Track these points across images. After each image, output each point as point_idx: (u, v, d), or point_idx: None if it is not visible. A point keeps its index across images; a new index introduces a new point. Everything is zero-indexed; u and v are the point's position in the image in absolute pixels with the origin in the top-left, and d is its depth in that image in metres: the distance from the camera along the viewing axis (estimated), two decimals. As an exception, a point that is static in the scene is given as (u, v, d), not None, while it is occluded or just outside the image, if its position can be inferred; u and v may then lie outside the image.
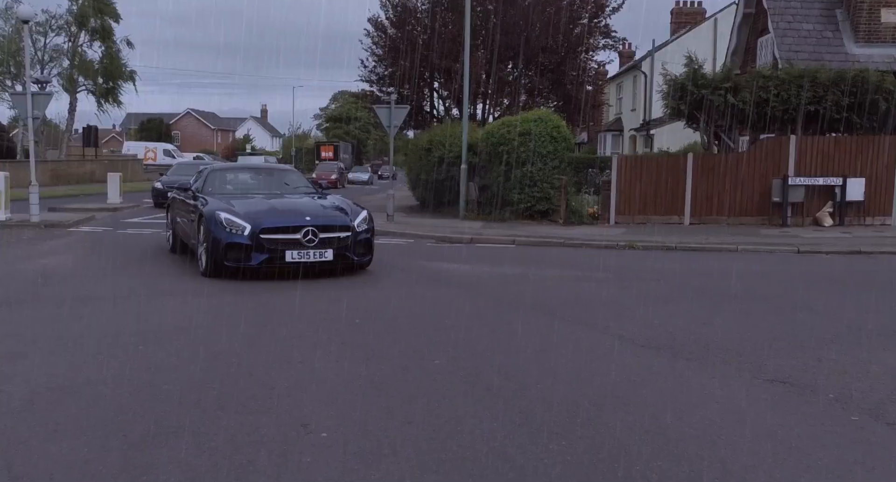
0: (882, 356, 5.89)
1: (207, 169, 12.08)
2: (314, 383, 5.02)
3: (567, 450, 3.85)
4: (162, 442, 3.93)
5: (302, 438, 3.99)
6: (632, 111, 37.88)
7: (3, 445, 3.89)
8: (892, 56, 19.03)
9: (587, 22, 26.71)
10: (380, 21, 27.29)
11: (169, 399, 4.66)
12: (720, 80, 16.48)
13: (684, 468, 3.67)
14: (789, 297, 8.76)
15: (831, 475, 3.62)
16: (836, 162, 16.48)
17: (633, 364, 5.63)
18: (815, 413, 4.55)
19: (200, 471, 3.57)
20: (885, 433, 4.19)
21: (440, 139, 21.26)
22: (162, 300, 8.28)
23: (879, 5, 19.37)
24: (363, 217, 9.99)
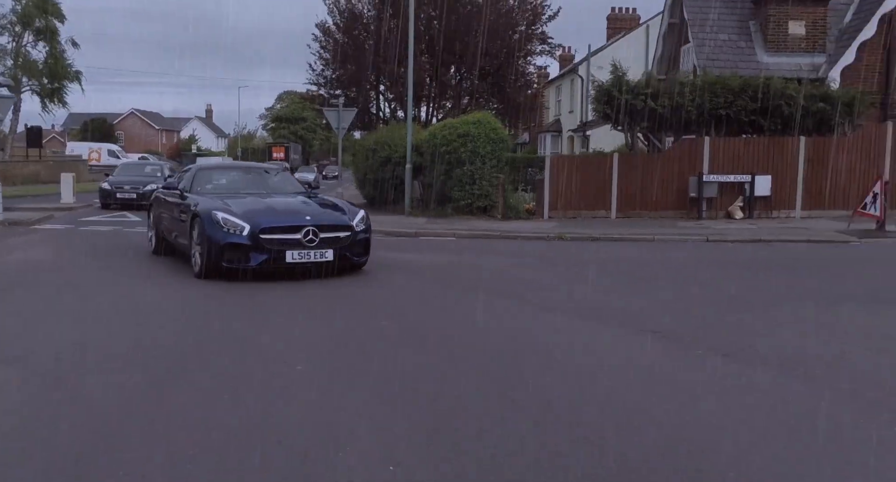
0: (735, 313, 7.35)
1: (193, 167, 11.97)
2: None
3: (485, 374, 5.14)
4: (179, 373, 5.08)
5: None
6: (570, 113, 39.56)
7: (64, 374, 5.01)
8: (798, 64, 20.89)
9: (525, 29, 28.20)
10: (327, 26, 28.37)
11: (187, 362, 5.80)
12: (642, 86, 18.03)
13: (568, 384, 4.98)
14: (687, 276, 10.22)
15: (679, 389, 4.97)
16: (745, 161, 18.16)
17: (540, 322, 6.96)
18: (677, 351, 5.93)
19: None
20: (721, 362, 5.59)
21: (386, 140, 22.43)
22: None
23: (787, 18, 21.23)
24: (361, 216, 9.83)
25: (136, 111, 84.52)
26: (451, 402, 4.61)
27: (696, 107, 17.78)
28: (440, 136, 19.68)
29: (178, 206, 10.38)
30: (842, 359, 5.71)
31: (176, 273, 9.79)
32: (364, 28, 27.78)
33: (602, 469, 3.63)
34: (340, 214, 9.78)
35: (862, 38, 20.73)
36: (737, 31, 21.71)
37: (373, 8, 27.53)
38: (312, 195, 11.06)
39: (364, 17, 27.97)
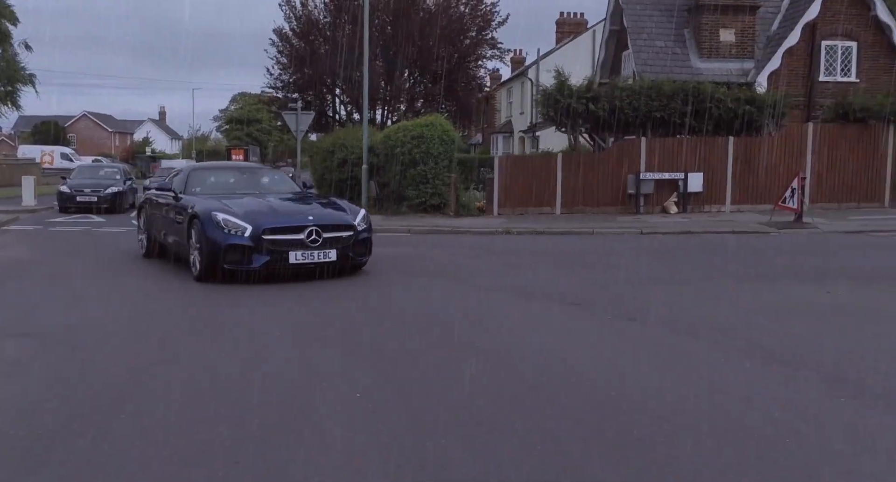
0: (648, 289, 8.59)
1: (187, 168, 11.82)
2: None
3: (436, 338, 6.22)
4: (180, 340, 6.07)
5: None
6: (521, 114, 40.90)
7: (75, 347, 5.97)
8: (728, 69, 22.42)
9: (475, 34, 29.39)
10: (284, 32, 29.21)
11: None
12: (583, 91, 19.30)
13: (502, 341, 6.10)
14: (616, 262, 11.43)
15: (587, 343, 6.11)
16: (679, 159, 19.55)
17: (481, 300, 8.08)
18: (590, 317, 7.11)
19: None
20: (626, 325, 6.77)
21: (343, 142, 23.39)
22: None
23: (719, 26, 22.74)
24: (362, 216, 9.78)
25: (88, 114, 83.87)
26: (407, 359, 5.68)
27: (633, 110, 19.11)
28: (395, 137, 20.70)
29: (172, 207, 10.24)
30: (729, 322, 6.91)
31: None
32: (320, 34, 28.69)
33: (527, 396, 4.72)
34: (342, 213, 9.66)
35: (787, 45, 22.32)
36: (673, 38, 23.14)
37: (329, 14, 28.47)
38: (311, 195, 10.96)
39: (320, 23, 28.88)
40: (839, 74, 22.91)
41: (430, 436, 3.95)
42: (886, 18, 22.80)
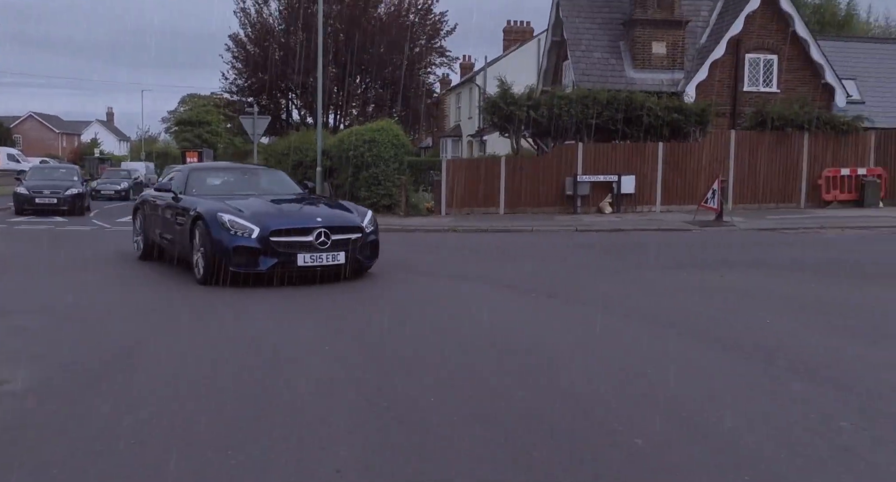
0: (572, 275, 9.92)
1: (185, 169, 11.52)
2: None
3: (392, 318, 7.41)
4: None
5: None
6: (469, 119, 42.24)
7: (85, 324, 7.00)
8: (660, 80, 24.03)
9: (425, 43, 30.64)
10: (239, 38, 30.06)
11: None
12: (524, 99, 20.67)
13: (448, 315, 7.31)
14: (549, 255, 12.77)
15: (514, 315, 7.36)
16: (613, 163, 21.04)
17: (429, 284, 9.31)
18: (518, 296, 8.39)
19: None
20: (548, 301, 8.08)
21: (298, 145, 24.41)
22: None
23: (651, 39, 24.34)
24: (370, 217, 9.67)
25: (34, 114, 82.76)
26: (371, 331, 6.86)
27: (571, 117, 20.54)
28: (348, 141, 21.81)
29: (171, 208, 10.06)
30: (633, 298, 8.23)
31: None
32: (275, 40, 29.62)
33: (469, 353, 5.94)
34: (350, 215, 9.56)
35: (713, 57, 24.02)
36: (609, 49, 24.69)
37: (283, 21, 29.41)
38: (313, 195, 10.87)
39: (275, 30, 29.80)
40: (761, 85, 24.70)
41: (401, 377, 5.15)
42: (804, 34, 24.68)
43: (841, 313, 7.33)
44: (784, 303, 7.86)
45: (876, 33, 56.47)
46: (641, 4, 24.24)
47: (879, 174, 22.53)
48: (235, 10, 29.72)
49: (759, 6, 24.13)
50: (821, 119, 22.32)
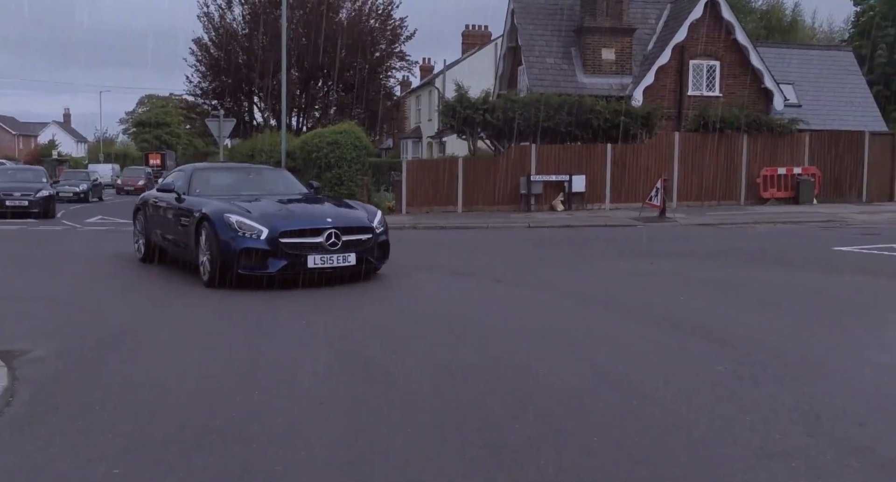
0: (519, 264, 11.00)
1: (188, 168, 11.14)
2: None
3: (359, 298, 8.38)
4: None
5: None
6: (429, 121, 43.24)
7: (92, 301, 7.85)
8: (609, 84, 25.29)
9: (385, 47, 31.59)
10: (203, 42, 30.69)
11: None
12: (480, 103, 21.74)
13: (412, 297, 8.30)
14: (501, 248, 13.84)
15: (469, 296, 8.38)
16: (565, 163, 22.22)
17: (393, 272, 10.30)
18: (472, 281, 9.43)
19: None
20: (494, 284, 9.12)
21: (262, 147, 25.22)
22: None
23: (601, 46, 25.62)
24: (380, 217, 9.53)
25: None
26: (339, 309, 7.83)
27: (524, 120, 21.67)
28: (311, 143, 22.66)
29: (175, 209, 9.86)
30: (570, 282, 9.31)
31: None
32: (238, 44, 30.31)
33: (425, 324, 6.93)
34: (360, 215, 9.39)
35: (660, 63, 25.37)
36: (561, 55, 25.91)
37: (246, 26, 30.12)
38: (320, 195, 10.77)
39: (238, 34, 30.50)
40: (704, 89, 26.13)
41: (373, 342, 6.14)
42: (744, 41, 26.16)
43: (744, 291, 8.48)
44: (699, 285, 9.02)
45: (820, 37, 58.83)
46: (591, 13, 25.50)
47: (814, 173, 24.03)
48: (199, 14, 30.34)
49: (702, 15, 25.55)
50: (758, 121, 23.77)
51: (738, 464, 3.60)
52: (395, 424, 4.11)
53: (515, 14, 26.67)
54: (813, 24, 61.63)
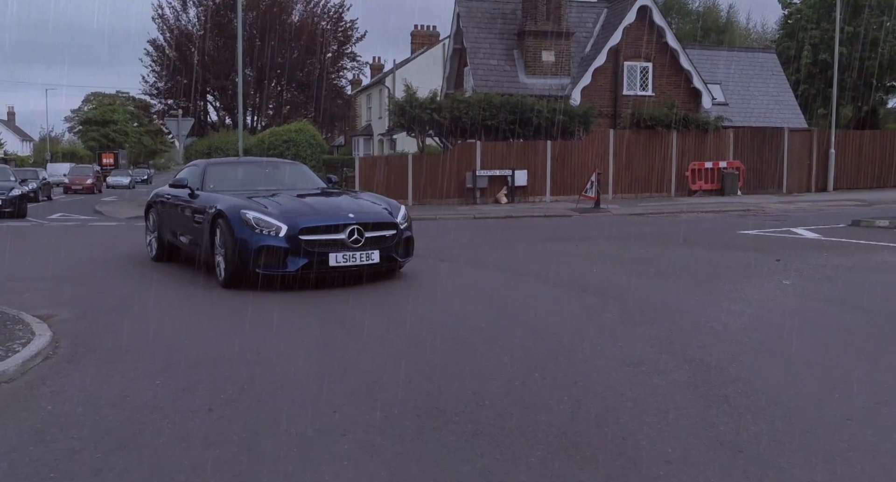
0: (466, 247, 12.48)
1: (201, 163, 10.69)
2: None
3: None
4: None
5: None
6: (379, 119, 44.48)
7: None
8: (549, 85, 26.91)
9: (337, 48, 32.82)
10: (159, 43, 31.53)
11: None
12: (427, 102, 23.16)
13: (378, 279, 9.70)
14: (446, 236, 15.26)
15: (416, 273, 9.80)
16: (508, 159, 23.78)
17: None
18: (428, 261, 10.82)
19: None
20: (440, 263, 10.55)
21: (219, 145, 26.30)
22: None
23: (541, 48, 27.23)
24: (403, 213, 9.11)
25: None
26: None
27: (470, 118, 23.15)
28: (268, 141, 23.88)
29: (188, 206, 9.52)
30: (504, 260, 10.77)
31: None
32: (193, 46, 31.23)
33: (385, 293, 8.30)
34: (383, 210, 8.89)
35: (596, 64, 27.09)
36: (504, 57, 27.47)
37: (201, 27, 31.06)
38: (339, 190, 10.30)
39: (193, 36, 31.41)
40: (638, 89, 27.95)
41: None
42: (674, 44, 28.05)
43: (648, 265, 10.05)
44: (613, 260, 10.60)
45: (754, 37, 61.57)
46: (532, 17, 27.10)
47: (738, 167, 26.02)
48: (154, 16, 31.14)
49: (635, 20, 27.35)
50: (687, 119, 25.66)
51: (605, 370, 5.10)
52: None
53: (461, 18, 28.14)
54: (747, 25, 64.46)
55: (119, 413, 4.26)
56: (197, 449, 3.72)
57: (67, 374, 5.07)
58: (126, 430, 3.99)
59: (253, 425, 4.04)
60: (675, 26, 57.46)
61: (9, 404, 4.49)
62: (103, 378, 4.96)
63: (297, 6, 31.58)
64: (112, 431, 3.98)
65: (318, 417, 4.17)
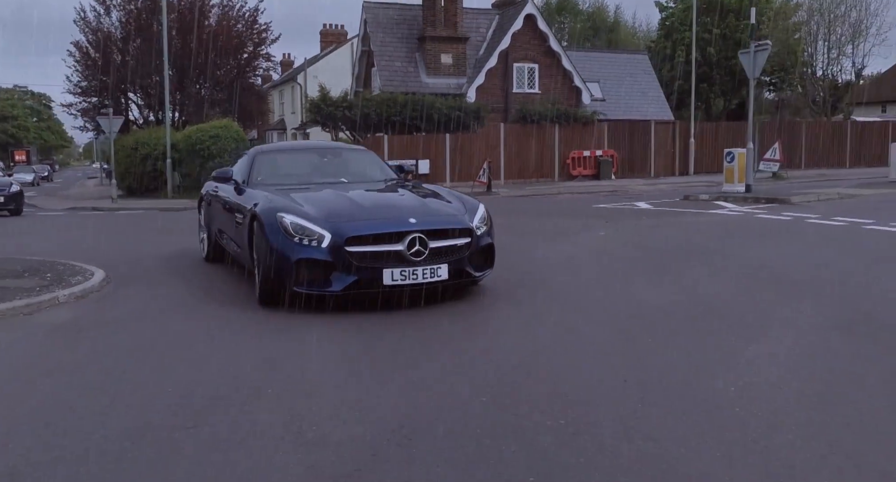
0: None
1: (252, 151, 9.18)
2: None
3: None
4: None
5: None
6: (292, 114, 47.05)
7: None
8: (448, 84, 30.28)
9: (253, 49, 35.30)
10: (82, 45, 33.28)
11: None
12: (340, 101, 26.14)
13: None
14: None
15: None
16: (413, 150, 26.99)
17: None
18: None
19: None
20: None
21: (145, 140, 28.51)
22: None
23: (440, 52, 30.56)
24: (482, 214, 7.40)
25: None
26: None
27: (377, 115, 26.25)
28: (195, 137, 26.29)
29: (233, 204, 8.16)
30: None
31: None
32: (116, 47, 33.12)
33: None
34: (455, 211, 7.24)
35: (488, 66, 30.62)
36: (407, 60, 30.66)
37: (123, 30, 32.99)
38: (413, 185, 8.44)
39: (115, 37, 33.29)
40: (526, 88, 31.64)
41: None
42: (557, 48, 31.85)
43: (511, 229, 13.38)
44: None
45: (640, 36, 66.65)
46: (431, 24, 30.37)
47: (612, 154, 30.01)
48: (75, 19, 32.89)
49: (522, 26, 31.01)
50: (567, 114, 29.46)
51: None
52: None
53: (368, 23, 31.16)
54: (633, 24, 69.59)
55: (157, 302, 7.29)
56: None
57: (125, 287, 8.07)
58: (159, 308, 7.02)
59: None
60: (567, 26, 61.93)
61: (107, 298, 7.48)
62: (152, 298, 7.92)
63: (213, 10, 33.87)
64: (156, 307, 7.02)
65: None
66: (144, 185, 28.83)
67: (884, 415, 3.86)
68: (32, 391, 4.61)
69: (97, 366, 5.13)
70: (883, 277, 7.85)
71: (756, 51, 17.54)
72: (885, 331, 5.53)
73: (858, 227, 11.79)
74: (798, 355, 5.02)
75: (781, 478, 3.19)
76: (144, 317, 6.74)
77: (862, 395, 4.17)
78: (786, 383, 4.42)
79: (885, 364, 4.76)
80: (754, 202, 16.89)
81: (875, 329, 5.62)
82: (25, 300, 6.82)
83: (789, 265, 8.63)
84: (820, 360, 4.91)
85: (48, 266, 8.94)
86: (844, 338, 5.38)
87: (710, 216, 14.64)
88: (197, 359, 5.27)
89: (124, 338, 5.93)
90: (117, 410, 4.16)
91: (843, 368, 4.70)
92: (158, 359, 5.26)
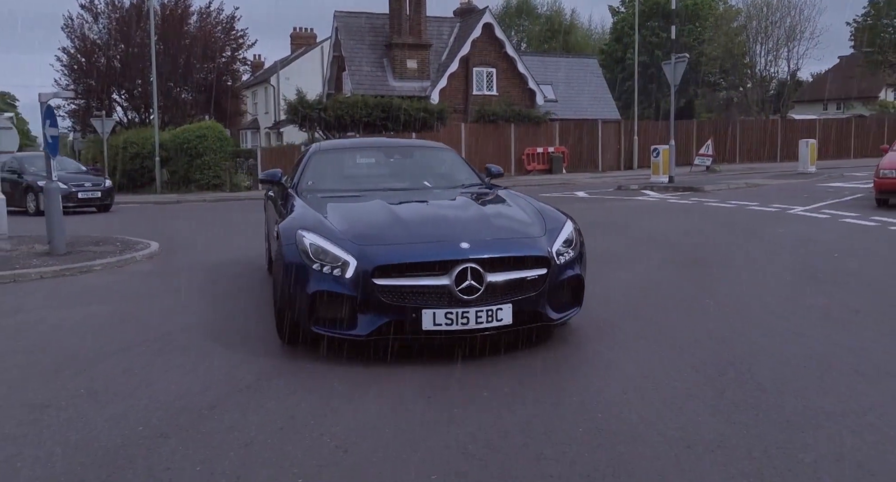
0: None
1: (312, 148, 7.46)
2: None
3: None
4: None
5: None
6: (265, 114, 49.43)
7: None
8: (413, 87, 33.06)
9: (230, 54, 37.77)
10: (69, 51, 35.47)
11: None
12: (316, 103, 28.77)
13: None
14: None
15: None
16: (382, 148, 29.66)
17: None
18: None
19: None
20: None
21: (134, 140, 30.89)
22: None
23: (405, 57, 33.32)
24: (569, 234, 5.34)
25: None
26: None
27: (349, 116, 28.93)
28: (182, 137, 28.72)
29: (273, 212, 7.04)
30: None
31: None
32: (102, 53, 35.38)
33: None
34: (527, 232, 5.27)
35: (451, 70, 33.46)
36: (376, 64, 33.38)
37: (110, 37, 35.25)
38: (490, 192, 6.43)
39: (102, 44, 35.55)
40: (485, 90, 34.54)
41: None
42: (513, 53, 34.81)
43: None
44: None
45: (595, 38, 70.01)
46: (398, 31, 33.12)
47: (563, 151, 33.01)
48: (62, 26, 35.08)
49: (480, 33, 33.89)
50: (521, 114, 32.40)
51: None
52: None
53: (339, 30, 33.82)
54: (589, 26, 72.95)
55: (200, 264, 10.03)
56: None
57: (174, 253, 10.77)
58: (202, 272, 9.77)
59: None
60: (525, 28, 65.08)
61: (169, 258, 10.23)
62: (195, 259, 10.62)
63: (192, 18, 36.26)
64: (201, 268, 9.76)
65: None
66: (133, 182, 31.16)
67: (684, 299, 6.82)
68: (144, 303, 7.36)
69: (170, 292, 7.93)
70: (720, 236, 10.91)
71: (676, 62, 20.59)
72: (699, 264, 8.58)
73: (743, 208, 14.88)
74: (641, 276, 7.99)
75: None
76: (195, 268, 9.47)
77: (674, 290, 7.13)
78: (632, 287, 7.35)
79: (692, 276, 7.76)
80: (673, 190, 19.98)
81: (695, 263, 8.66)
82: (116, 257, 9.53)
83: (667, 231, 11.65)
84: (654, 277, 7.88)
85: (111, 240, 11.59)
86: (675, 267, 8.39)
87: (632, 201, 17.67)
88: (226, 292, 8.13)
89: (182, 280, 8.69)
90: (182, 311, 7.01)
91: (667, 278, 7.69)
92: (203, 291, 8.04)
